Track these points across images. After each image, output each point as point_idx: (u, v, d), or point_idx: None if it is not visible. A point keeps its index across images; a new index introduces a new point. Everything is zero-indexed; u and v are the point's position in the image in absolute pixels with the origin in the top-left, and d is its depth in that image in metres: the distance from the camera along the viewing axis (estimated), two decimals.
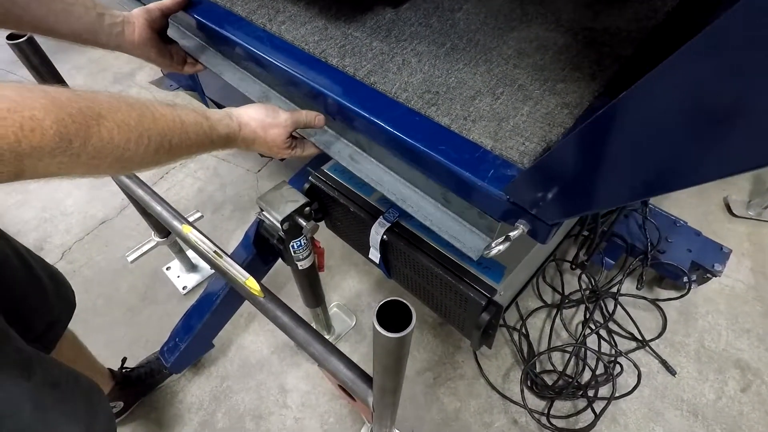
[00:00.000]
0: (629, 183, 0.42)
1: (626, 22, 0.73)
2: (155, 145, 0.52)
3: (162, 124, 0.53)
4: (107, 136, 0.45)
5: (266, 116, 0.67)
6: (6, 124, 0.37)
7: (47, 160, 0.41)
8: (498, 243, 0.57)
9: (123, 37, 0.77)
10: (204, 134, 0.59)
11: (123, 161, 0.48)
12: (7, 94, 0.39)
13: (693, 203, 1.84)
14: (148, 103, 0.53)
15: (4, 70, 2.58)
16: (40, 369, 0.77)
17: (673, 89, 0.33)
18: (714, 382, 1.38)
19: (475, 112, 0.63)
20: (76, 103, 0.43)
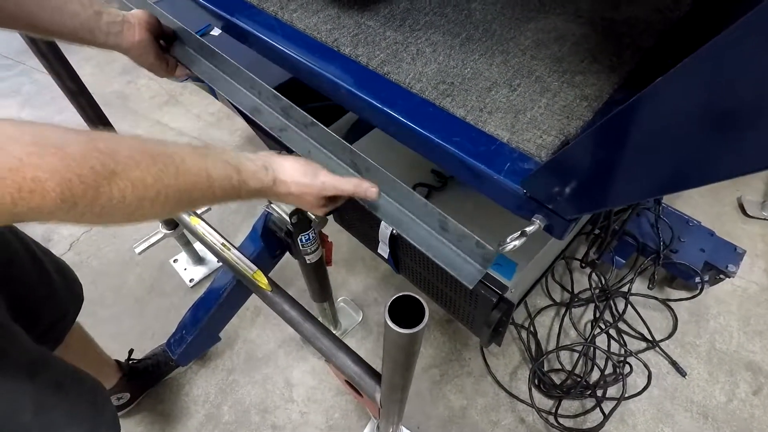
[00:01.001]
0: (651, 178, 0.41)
1: (648, 12, 0.71)
2: (173, 202, 0.48)
3: (184, 180, 0.48)
4: (118, 196, 0.42)
5: (303, 175, 0.60)
6: (3, 185, 0.35)
7: (47, 218, 0.39)
8: (513, 238, 0.56)
9: (122, 36, 0.74)
10: (231, 189, 0.54)
11: (134, 217, 0.45)
12: (13, 150, 0.36)
13: (706, 203, 1.81)
14: (176, 153, 0.48)
15: (14, 61, 2.59)
16: (44, 369, 0.77)
17: (700, 85, 0.32)
18: (725, 384, 1.36)
19: (491, 103, 0.61)
20: (89, 161, 0.39)
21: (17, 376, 0.71)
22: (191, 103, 2.33)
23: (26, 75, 2.51)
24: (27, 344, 0.75)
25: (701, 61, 0.30)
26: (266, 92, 0.70)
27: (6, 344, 0.70)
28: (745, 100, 0.30)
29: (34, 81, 2.47)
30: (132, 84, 2.45)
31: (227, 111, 2.20)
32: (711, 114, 0.33)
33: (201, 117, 2.25)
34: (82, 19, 0.69)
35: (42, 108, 2.32)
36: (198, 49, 0.79)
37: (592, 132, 0.42)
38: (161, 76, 0.86)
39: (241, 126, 2.16)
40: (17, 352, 0.72)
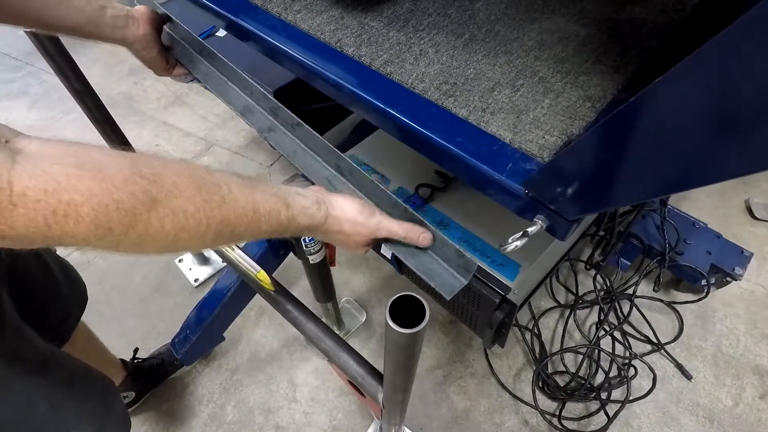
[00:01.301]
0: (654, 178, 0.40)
1: (652, 13, 0.70)
2: (213, 234, 0.45)
3: (229, 211, 0.45)
4: (156, 225, 0.40)
5: (359, 213, 0.58)
6: (38, 207, 0.33)
7: (82, 244, 0.37)
8: (515, 239, 0.56)
9: (127, 30, 0.75)
10: (279, 225, 0.51)
11: (171, 248, 0.43)
12: (53, 171, 0.34)
13: (713, 205, 1.80)
14: (223, 182, 0.46)
15: (22, 62, 2.61)
16: (55, 366, 0.77)
17: (702, 83, 0.31)
18: (731, 387, 1.35)
19: (493, 104, 0.61)
20: (130, 186, 0.38)
21: (30, 374, 0.72)
22: (197, 104, 2.34)
23: (34, 76, 2.53)
24: (37, 343, 0.76)
25: (704, 58, 0.30)
26: (257, 92, 0.70)
27: (19, 343, 0.71)
28: (749, 97, 0.30)
29: (41, 82, 2.49)
30: (138, 85, 2.46)
31: (232, 112, 2.21)
32: (714, 112, 0.32)
33: (207, 118, 2.26)
34: (87, 13, 0.70)
35: (49, 109, 2.34)
36: (196, 49, 0.79)
37: (594, 132, 0.42)
38: (160, 74, 0.87)
39: (246, 127, 2.17)
40: (29, 350, 0.73)
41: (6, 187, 0.32)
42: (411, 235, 0.59)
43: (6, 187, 0.32)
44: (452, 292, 0.57)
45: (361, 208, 0.59)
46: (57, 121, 2.27)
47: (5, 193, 0.32)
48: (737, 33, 0.28)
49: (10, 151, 0.34)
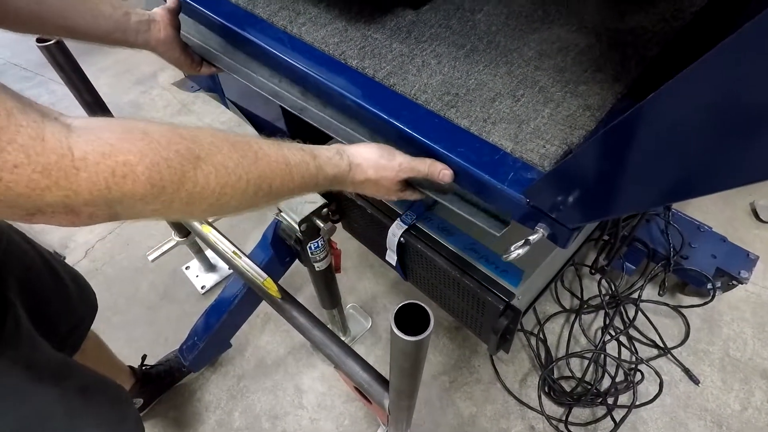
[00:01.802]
0: (654, 188, 0.41)
1: (651, 22, 0.71)
2: (254, 189, 0.48)
3: (263, 165, 0.48)
4: (203, 181, 0.42)
5: (380, 157, 0.61)
6: (99, 170, 0.35)
7: (140, 207, 0.39)
8: (517, 247, 0.56)
9: (150, 34, 0.78)
10: (310, 175, 0.54)
11: (218, 206, 0.45)
12: (105, 136, 0.37)
13: (718, 208, 1.80)
14: (252, 141, 0.49)
15: (32, 72, 2.65)
16: (70, 374, 0.79)
17: (704, 92, 0.32)
18: (739, 392, 1.35)
19: (495, 114, 0.62)
20: (175, 145, 0.41)
21: (47, 382, 0.73)
22: (203, 112, 2.36)
23: (43, 86, 2.57)
24: (51, 352, 0.77)
25: (708, 66, 0.31)
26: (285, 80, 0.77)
27: (34, 352, 0.72)
28: (753, 105, 0.30)
29: (51, 92, 2.53)
30: (146, 94, 2.50)
31: (238, 120, 2.23)
32: (717, 120, 0.33)
33: (212, 126, 2.28)
34: (114, 20, 0.73)
35: None
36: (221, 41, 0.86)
37: (594, 142, 0.43)
38: (189, 72, 0.90)
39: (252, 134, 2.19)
40: (44, 359, 0.75)
41: (68, 153, 0.34)
42: (432, 171, 0.61)
43: (68, 153, 0.34)
44: (501, 229, 0.60)
45: (380, 151, 0.62)
46: None
47: (67, 158, 0.34)
48: (742, 41, 0.28)
49: (64, 124, 0.36)
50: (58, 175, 0.34)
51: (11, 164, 0.32)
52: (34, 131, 0.33)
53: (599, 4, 0.77)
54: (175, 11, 0.82)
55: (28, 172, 0.33)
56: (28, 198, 0.34)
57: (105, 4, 0.72)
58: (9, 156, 0.32)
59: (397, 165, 0.61)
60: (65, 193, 0.35)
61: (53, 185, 0.34)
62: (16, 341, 0.69)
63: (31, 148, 0.33)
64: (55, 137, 0.34)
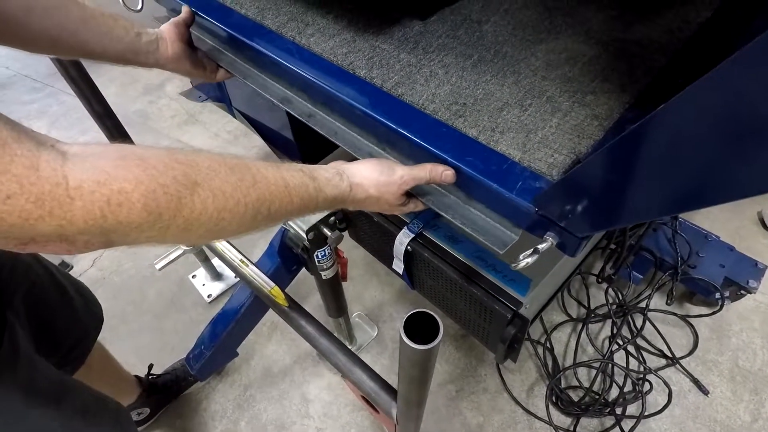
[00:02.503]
0: (663, 198, 0.41)
1: (658, 33, 0.72)
2: (252, 212, 0.47)
3: (262, 189, 0.48)
4: (200, 207, 0.42)
5: (381, 174, 0.61)
6: (94, 198, 0.35)
7: (135, 234, 0.39)
8: (526, 255, 0.56)
9: (159, 53, 0.79)
10: (309, 197, 0.54)
11: (216, 231, 0.45)
12: (101, 164, 0.36)
13: (725, 217, 1.79)
14: (251, 163, 0.49)
15: (42, 83, 2.69)
16: (70, 395, 0.79)
17: (715, 103, 0.32)
18: (749, 403, 1.33)
19: (502, 123, 0.63)
20: (172, 171, 0.40)
21: (46, 405, 0.73)
22: (210, 121, 2.38)
23: (53, 97, 2.60)
24: (50, 373, 0.77)
25: (721, 77, 0.30)
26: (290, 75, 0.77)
27: (32, 374, 0.72)
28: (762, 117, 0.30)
29: (60, 102, 2.56)
30: (153, 104, 2.52)
31: (244, 129, 2.25)
32: (729, 131, 0.33)
33: (219, 135, 2.31)
34: (126, 42, 0.74)
35: (68, 129, 2.40)
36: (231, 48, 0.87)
37: (603, 152, 0.43)
38: (202, 80, 0.91)
39: (258, 143, 2.20)
40: (43, 381, 0.74)
41: (62, 182, 0.34)
42: (434, 175, 0.61)
43: (62, 182, 0.34)
44: (505, 246, 0.59)
45: (380, 168, 0.61)
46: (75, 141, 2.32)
47: (62, 187, 0.34)
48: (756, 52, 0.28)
49: (60, 151, 0.35)
50: (51, 205, 0.33)
51: (4, 195, 0.32)
52: (29, 160, 0.33)
53: (606, 15, 0.77)
54: (183, 24, 0.83)
55: (21, 203, 0.32)
56: (21, 228, 0.33)
57: (118, 27, 0.73)
58: (2, 186, 0.32)
59: (398, 179, 0.61)
60: (59, 223, 0.34)
61: (47, 215, 0.33)
62: (12, 363, 0.68)
63: (25, 178, 0.32)
64: (50, 166, 0.34)
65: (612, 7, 0.79)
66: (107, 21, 0.72)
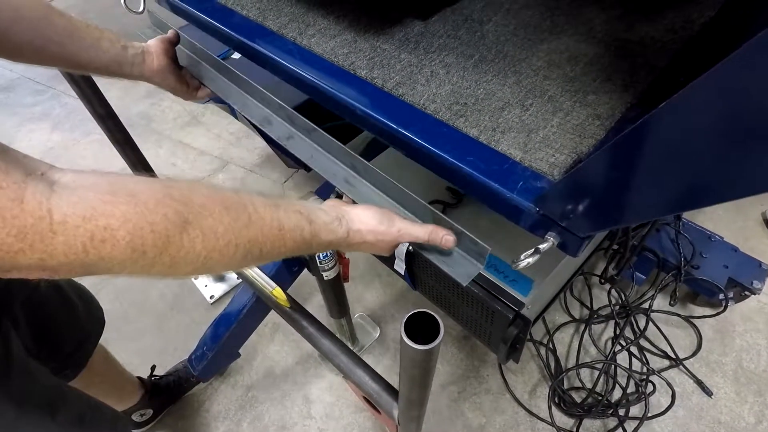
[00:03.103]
0: (667, 196, 0.41)
1: (660, 32, 0.71)
2: (243, 253, 0.46)
3: (256, 231, 0.47)
4: (188, 245, 0.41)
5: (380, 223, 0.60)
6: (77, 233, 0.34)
7: (117, 269, 0.38)
8: (527, 255, 0.56)
9: (144, 66, 0.79)
10: (303, 242, 0.52)
11: (203, 269, 0.44)
12: (89, 197, 0.36)
13: (729, 218, 1.78)
14: (249, 202, 0.48)
15: (45, 86, 2.70)
16: (65, 405, 0.79)
17: (719, 100, 0.32)
18: (753, 404, 1.32)
19: (503, 123, 0.63)
20: (163, 208, 0.39)
21: (41, 416, 0.73)
22: (212, 123, 2.39)
23: (56, 99, 2.61)
24: (45, 381, 0.77)
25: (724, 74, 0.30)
26: (274, 103, 0.76)
27: (26, 384, 0.72)
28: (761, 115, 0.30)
29: (63, 105, 2.57)
30: (156, 106, 2.53)
31: (246, 130, 2.25)
32: (732, 129, 0.32)
33: (221, 137, 2.31)
34: (111, 54, 0.74)
35: (70, 131, 2.41)
36: (213, 67, 0.86)
37: (605, 150, 0.43)
38: (185, 98, 0.91)
39: (260, 145, 2.21)
40: (38, 391, 0.74)
41: (46, 216, 0.33)
42: (434, 238, 0.60)
43: (46, 216, 0.33)
44: (469, 278, 0.60)
45: (380, 217, 0.60)
46: (77, 143, 2.33)
47: (45, 221, 0.33)
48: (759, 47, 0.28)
49: (48, 182, 0.35)
50: (33, 239, 0.33)
51: None
52: (14, 193, 0.33)
53: (608, 15, 0.77)
54: (170, 41, 0.83)
55: (2, 236, 0.32)
56: (1, 260, 0.33)
57: (104, 39, 0.73)
58: None
59: (395, 231, 0.60)
60: (40, 256, 0.34)
61: (27, 248, 0.33)
62: (5, 373, 0.68)
63: (8, 211, 0.32)
64: (36, 199, 0.33)
65: (614, 7, 0.78)
66: (93, 33, 0.72)
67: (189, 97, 0.91)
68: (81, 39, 0.71)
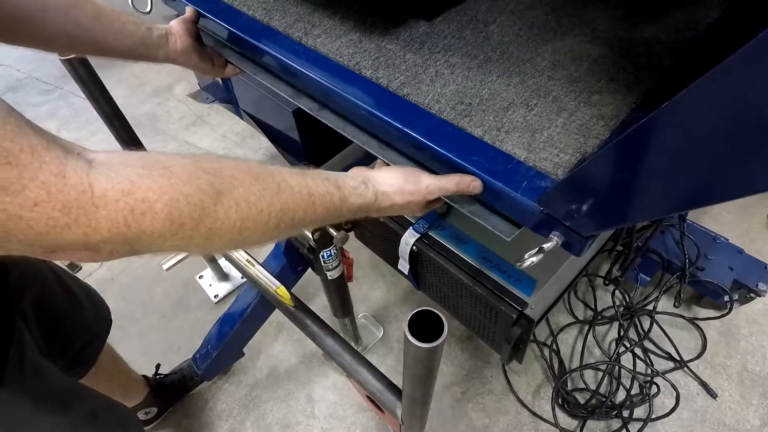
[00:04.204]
0: (669, 195, 0.41)
1: (665, 33, 0.71)
2: (275, 221, 0.46)
3: (286, 198, 0.47)
4: (223, 216, 0.41)
5: (406, 182, 0.60)
6: (118, 208, 0.35)
7: (159, 243, 0.39)
8: (531, 255, 0.56)
9: (168, 47, 0.81)
10: (333, 207, 0.53)
11: (239, 240, 0.45)
12: (126, 172, 0.36)
13: (734, 220, 1.77)
14: (276, 171, 0.48)
15: (52, 86, 2.72)
16: (78, 401, 0.79)
17: (724, 98, 0.32)
18: (758, 407, 1.32)
19: (508, 123, 0.63)
20: (196, 180, 0.40)
21: (55, 412, 0.73)
22: (217, 123, 2.40)
23: (63, 99, 2.63)
24: (58, 378, 0.78)
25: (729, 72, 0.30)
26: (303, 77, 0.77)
27: (39, 382, 0.73)
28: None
29: (70, 105, 2.58)
30: (162, 105, 2.54)
31: (251, 130, 2.26)
32: (737, 126, 0.32)
33: (227, 136, 2.32)
34: (138, 37, 0.76)
35: (77, 130, 2.43)
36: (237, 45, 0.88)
37: (609, 149, 0.43)
38: (213, 76, 0.93)
39: (265, 144, 2.22)
40: (50, 388, 0.75)
41: (88, 190, 0.34)
42: (462, 187, 0.60)
43: (88, 190, 0.34)
44: (512, 234, 0.60)
45: (405, 176, 0.60)
46: (84, 142, 2.33)
47: (87, 195, 0.34)
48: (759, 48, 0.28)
49: (85, 160, 0.36)
50: (78, 213, 0.33)
51: (32, 202, 0.32)
52: (57, 168, 0.33)
53: (612, 15, 0.77)
54: (191, 20, 0.84)
55: (48, 210, 0.32)
56: (47, 236, 0.33)
57: (129, 23, 0.75)
58: (30, 193, 0.32)
59: (424, 188, 0.60)
60: (84, 231, 0.34)
61: (73, 223, 0.34)
62: (19, 370, 0.69)
63: (53, 186, 0.32)
64: (77, 174, 0.34)
65: (618, 7, 0.78)
66: (119, 17, 0.73)
67: (216, 74, 0.92)
68: (109, 23, 0.72)
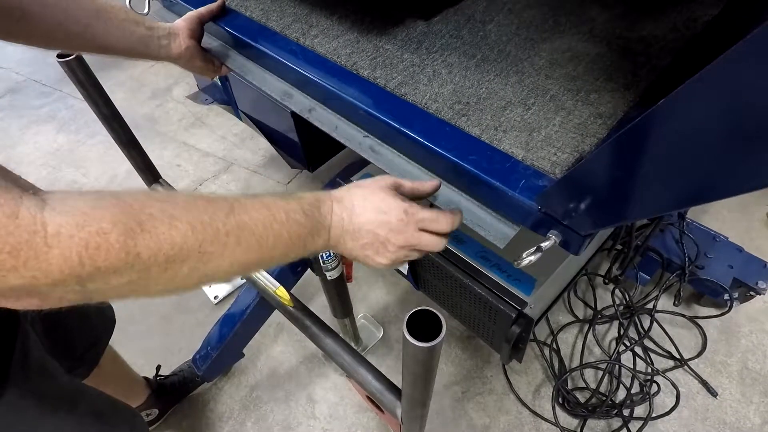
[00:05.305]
0: (667, 192, 0.41)
1: (663, 31, 0.72)
2: (235, 240, 0.44)
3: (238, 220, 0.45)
4: (180, 240, 0.40)
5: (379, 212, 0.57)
6: (71, 244, 0.33)
7: (115, 281, 0.37)
8: (529, 253, 0.56)
9: (170, 48, 0.81)
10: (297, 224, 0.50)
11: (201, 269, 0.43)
12: (79, 206, 0.35)
13: (734, 218, 1.77)
14: (232, 197, 0.47)
15: (51, 88, 2.72)
16: (83, 401, 0.79)
17: (719, 94, 0.32)
18: (759, 405, 1.32)
19: (506, 122, 0.63)
20: (148, 208, 0.39)
21: (60, 411, 0.73)
22: (216, 124, 2.40)
23: (62, 101, 2.63)
24: (63, 378, 0.78)
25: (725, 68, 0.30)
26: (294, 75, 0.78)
27: (44, 381, 0.73)
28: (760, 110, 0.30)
29: (69, 107, 2.58)
30: (161, 107, 2.54)
31: (251, 132, 2.26)
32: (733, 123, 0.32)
33: (226, 138, 2.32)
34: (138, 35, 0.76)
35: (76, 133, 2.43)
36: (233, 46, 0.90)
37: (606, 147, 0.43)
38: (211, 77, 0.93)
39: (264, 146, 2.22)
40: (56, 387, 0.75)
41: (40, 230, 0.33)
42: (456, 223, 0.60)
43: (40, 230, 0.33)
44: (505, 240, 0.60)
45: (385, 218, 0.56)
46: (82, 144, 2.35)
47: (39, 235, 0.32)
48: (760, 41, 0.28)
49: (40, 198, 0.35)
50: (27, 255, 0.32)
51: None
52: (10, 209, 0.32)
53: (610, 14, 0.77)
54: (198, 20, 0.84)
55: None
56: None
57: (130, 20, 0.75)
58: None
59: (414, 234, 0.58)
60: (33, 274, 0.33)
61: (21, 266, 0.32)
62: (25, 370, 0.69)
63: (3, 228, 0.31)
64: (30, 212, 0.33)
65: (616, 6, 0.79)
66: (119, 13, 0.73)
67: (214, 75, 0.93)
68: (108, 20, 0.72)
